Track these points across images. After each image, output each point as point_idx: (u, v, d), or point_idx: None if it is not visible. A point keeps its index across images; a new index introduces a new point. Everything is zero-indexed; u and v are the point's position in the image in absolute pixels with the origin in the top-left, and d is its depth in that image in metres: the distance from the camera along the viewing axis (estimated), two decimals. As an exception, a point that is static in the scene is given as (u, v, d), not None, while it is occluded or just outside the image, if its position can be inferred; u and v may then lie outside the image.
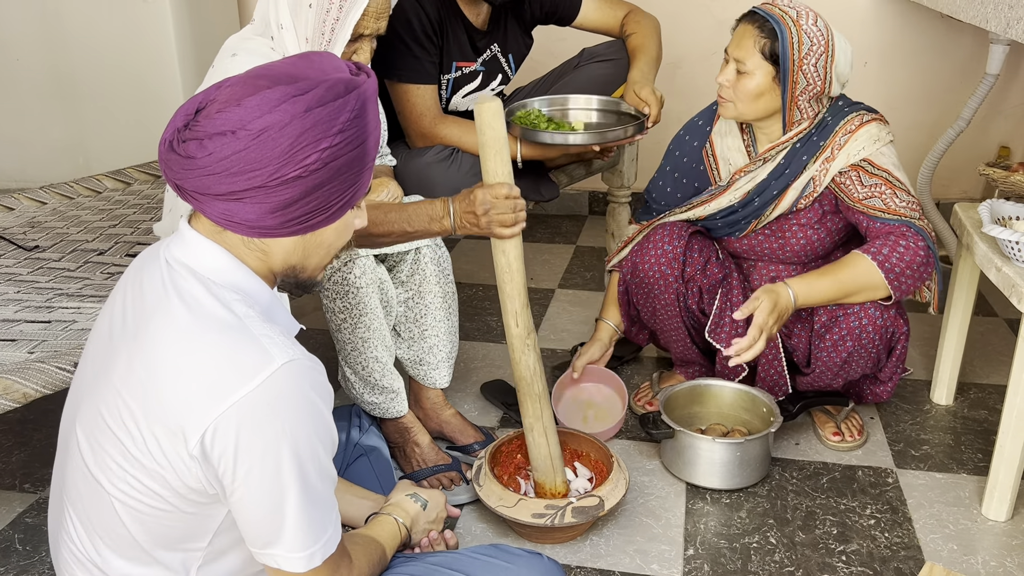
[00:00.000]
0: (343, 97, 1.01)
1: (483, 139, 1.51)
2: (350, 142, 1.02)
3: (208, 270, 1.05)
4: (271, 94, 0.98)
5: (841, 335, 1.83)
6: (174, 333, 1.01)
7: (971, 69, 3.02)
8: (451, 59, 2.11)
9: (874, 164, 1.80)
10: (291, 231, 1.04)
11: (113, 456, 1.03)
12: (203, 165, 0.98)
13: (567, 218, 3.48)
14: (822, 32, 1.76)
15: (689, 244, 1.94)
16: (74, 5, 3.03)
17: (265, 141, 0.97)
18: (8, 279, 1.86)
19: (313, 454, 1.03)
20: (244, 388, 0.98)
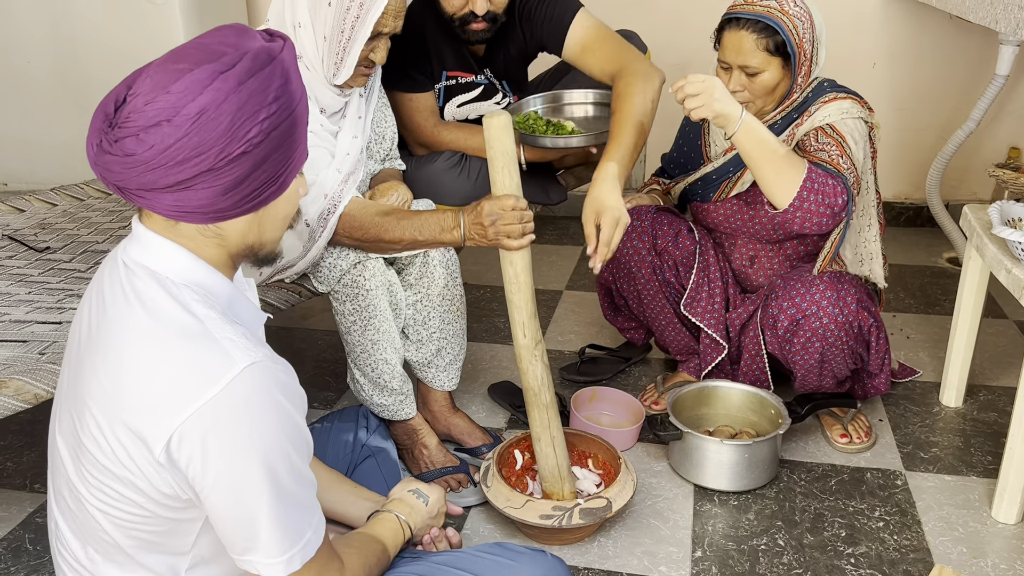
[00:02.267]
0: (269, 65, 1.00)
1: (491, 152, 1.52)
2: (284, 108, 1.01)
3: (165, 269, 1.03)
4: (198, 74, 0.95)
5: (807, 337, 1.84)
6: (134, 339, 1.00)
7: (980, 70, 3.02)
8: (441, 68, 2.09)
9: (834, 129, 1.82)
10: (245, 209, 1.03)
11: (87, 467, 1.03)
12: (145, 160, 0.95)
13: (574, 220, 3.47)
14: (803, 9, 1.83)
15: (657, 219, 2.03)
16: (84, 8, 3.05)
17: (205, 123, 0.95)
18: (20, 280, 1.88)
19: (284, 456, 1.01)
20: (207, 393, 0.96)
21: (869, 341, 1.88)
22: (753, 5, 1.81)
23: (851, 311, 1.82)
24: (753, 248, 2.04)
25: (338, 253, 1.72)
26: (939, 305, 2.68)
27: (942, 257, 3.05)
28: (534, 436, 1.69)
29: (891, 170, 3.29)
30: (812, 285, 1.83)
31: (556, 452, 1.68)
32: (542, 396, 1.65)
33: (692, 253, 2.03)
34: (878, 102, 3.17)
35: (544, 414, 1.66)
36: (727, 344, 2.05)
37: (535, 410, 1.66)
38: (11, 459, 1.99)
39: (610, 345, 2.38)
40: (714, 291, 2.05)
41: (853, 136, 1.81)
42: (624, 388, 2.20)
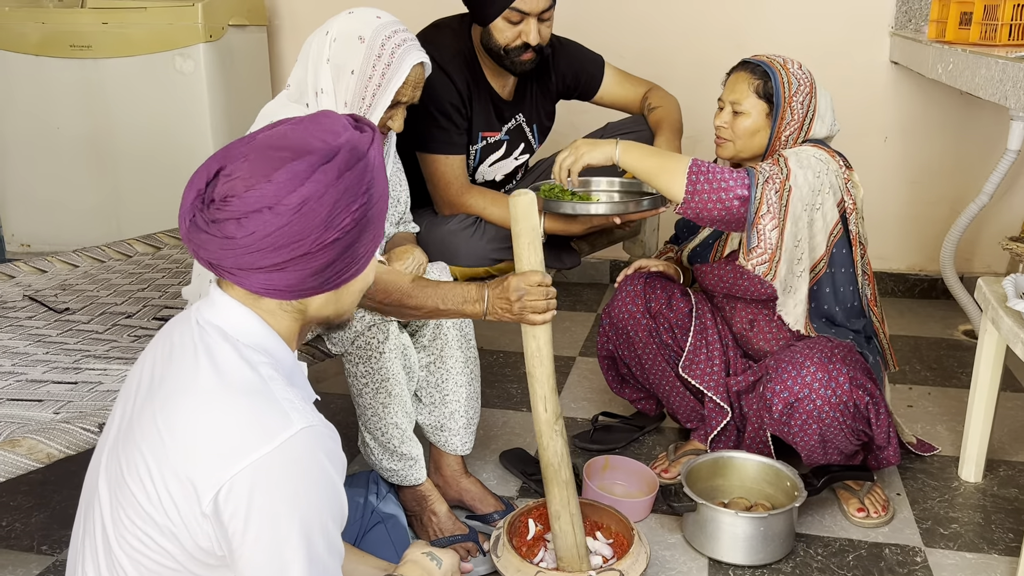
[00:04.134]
0: (364, 158, 1.06)
1: (517, 229, 1.55)
2: (372, 197, 1.07)
3: (238, 332, 1.07)
4: (299, 166, 1.01)
5: (803, 420, 1.83)
6: (199, 391, 1.03)
7: (992, 144, 3.05)
8: (478, 130, 2.16)
9: (783, 155, 1.87)
10: (329, 288, 1.08)
11: (126, 511, 1.04)
12: (245, 244, 1.01)
13: (588, 286, 3.49)
14: (806, 75, 1.93)
15: (649, 283, 2.11)
16: (114, 76, 3.14)
17: (306, 213, 1.01)
18: (38, 340, 1.90)
19: (322, 526, 1.03)
20: (262, 449, 0.98)
21: (869, 418, 1.86)
22: (762, 56, 1.95)
23: (844, 391, 1.80)
24: (752, 312, 2.04)
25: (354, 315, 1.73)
26: (956, 378, 2.65)
27: (958, 329, 3.03)
28: (552, 513, 1.67)
29: (905, 242, 3.30)
30: (802, 367, 1.82)
31: (575, 530, 1.66)
32: (562, 472, 1.63)
33: (688, 315, 2.09)
34: (891, 175, 3.21)
35: (564, 491, 1.64)
36: (729, 409, 2.04)
37: (554, 487, 1.64)
38: (19, 520, 1.98)
39: (623, 413, 2.37)
40: (712, 354, 2.05)
41: (799, 157, 1.84)
42: (637, 457, 2.18)
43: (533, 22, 2.02)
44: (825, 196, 1.85)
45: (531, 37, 2.03)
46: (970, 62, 2.17)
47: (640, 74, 2.41)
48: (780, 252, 1.79)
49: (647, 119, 2.29)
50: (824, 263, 1.91)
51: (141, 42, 3.08)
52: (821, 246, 1.89)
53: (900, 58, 2.99)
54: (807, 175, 1.81)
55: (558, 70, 2.27)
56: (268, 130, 1.08)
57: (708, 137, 3.09)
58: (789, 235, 1.80)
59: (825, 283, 1.94)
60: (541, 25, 2.04)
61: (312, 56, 1.69)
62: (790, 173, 1.81)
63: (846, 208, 1.89)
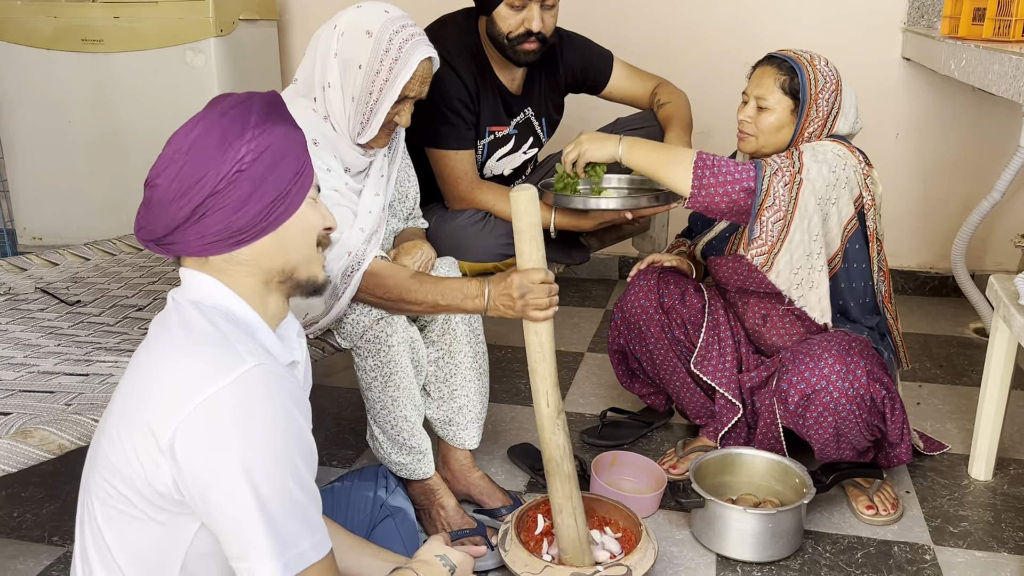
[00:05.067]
0: (248, 100, 1.12)
1: (518, 225, 1.55)
2: (272, 131, 1.11)
3: (200, 296, 1.13)
4: (191, 120, 1.11)
5: (819, 412, 1.82)
6: (163, 350, 1.09)
7: (1004, 141, 3.03)
8: (485, 124, 2.16)
9: (798, 148, 1.86)
10: (261, 228, 1.11)
11: (99, 470, 1.08)
12: (158, 199, 1.08)
13: (597, 282, 3.49)
14: (833, 72, 1.92)
15: (662, 278, 2.09)
16: (125, 70, 3.15)
17: (196, 150, 1.08)
18: (50, 332, 1.91)
19: (288, 460, 1.03)
20: (214, 385, 1.01)
21: (884, 412, 1.85)
22: (789, 51, 1.93)
23: (861, 384, 1.80)
24: (765, 307, 2.04)
25: (361, 309, 1.74)
26: (966, 376, 2.64)
27: (968, 327, 3.01)
28: (555, 507, 1.67)
29: (916, 240, 3.28)
30: (820, 359, 1.81)
31: (577, 523, 1.66)
32: (564, 466, 1.63)
33: (700, 311, 2.08)
34: (902, 172, 3.20)
35: (566, 485, 1.64)
36: (741, 405, 2.03)
37: (556, 480, 1.64)
38: (31, 511, 1.99)
39: (631, 409, 2.36)
40: (725, 350, 2.05)
41: (815, 151, 1.84)
42: (646, 453, 2.18)
43: (536, 8, 2.01)
44: (841, 191, 1.84)
45: (533, 23, 2.02)
46: (983, 58, 2.16)
47: (650, 70, 2.41)
48: (780, 244, 1.78)
49: (656, 115, 2.29)
50: (839, 258, 1.90)
51: (152, 36, 3.09)
52: (836, 241, 1.88)
53: (912, 54, 2.97)
54: (822, 169, 1.81)
55: (566, 63, 2.27)
56: None
57: (719, 132, 3.09)
58: (798, 229, 1.79)
59: (840, 278, 1.93)
60: (544, 13, 2.04)
61: (320, 50, 1.69)
62: (803, 167, 1.80)
63: (864, 204, 1.89)
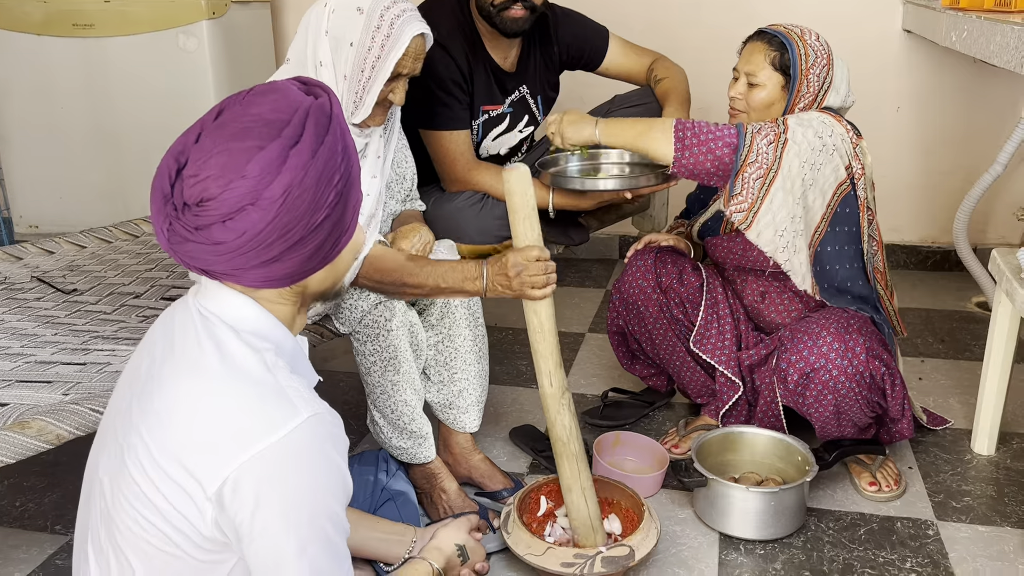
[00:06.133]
0: (329, 127, 1.02)
1: (512, 204, 1.53)
2: (349, 162, 1.05)
3: (236, 319, 1.05)
4: (269, 154, 0.97)
5: (819, 390, 1.82)
6: (202, 375, 1.02)
7: (1006, 114, 3.00)
8: (479, 104, 2.14)
9: (783, 117, 1.85)
10: (325, 263, 1.07)
11: (127, 497, 1.03)
12: (237, 246, 0.98)
13: (597, 262, 3.47)
14: (824, 47, 1.90)
15: (659, 258, 2.08)
16: (117, 55, 3.12)
17: (292, 201, 0.98)
18: (46, 321, 1.90)
19: (330, 510, 1.03)
20: (268, 439, 0.98)
21: (884, 389, 1.84)
22: (779, 26, 1.91)
23: (860, 361, 1.79)
24: (763, 284, 2.03)
25: (359, 294, 1.72)
26: (969, 350, 2.63)
27: (971, 301, 3.00)
28: (564, 487, 1.66)
29: (917, 214, 3.26)
30: (819, 337, 1.80)
31: (588, 503, 1.66)
32: (571, 446, 1.63)
33: (698, 290, 2.07)
34: (903, 145, 3.17)
35: (574, 464, 1.64)
36: (741, 383, 2.03)
37: (564, 461, 1.64)
38: (33, 500, 1.99)
39: (633, 389, 2.36)
40: (724, 328, 2.04)
41: (800, 118, 1.83)
42: (648, 433, 2.17)
43: None
44: (827, 156, 1.82)
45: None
46: (985, 29, 2.13)
47: (648, 45, 2.38)
48: (760, 203, 1.77)
49: (654, 90, 2.26)
50: (825, 222, 1.88)
51: (144, 20, 3.06)
52: (821, 208, 1.86)
53: (913, 26, 2.94)
54: (807, 133, 1.80)
55: (561, 39, 2.24)
56: (219, 116, 1.02)
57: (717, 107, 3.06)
58: (780, 189, 1.78)
59: (827, 241, 1.91)
60: None
61: (311, 28, 1.67)
62: (787, 128, 1.80)
63: (854, 173, 1.87)
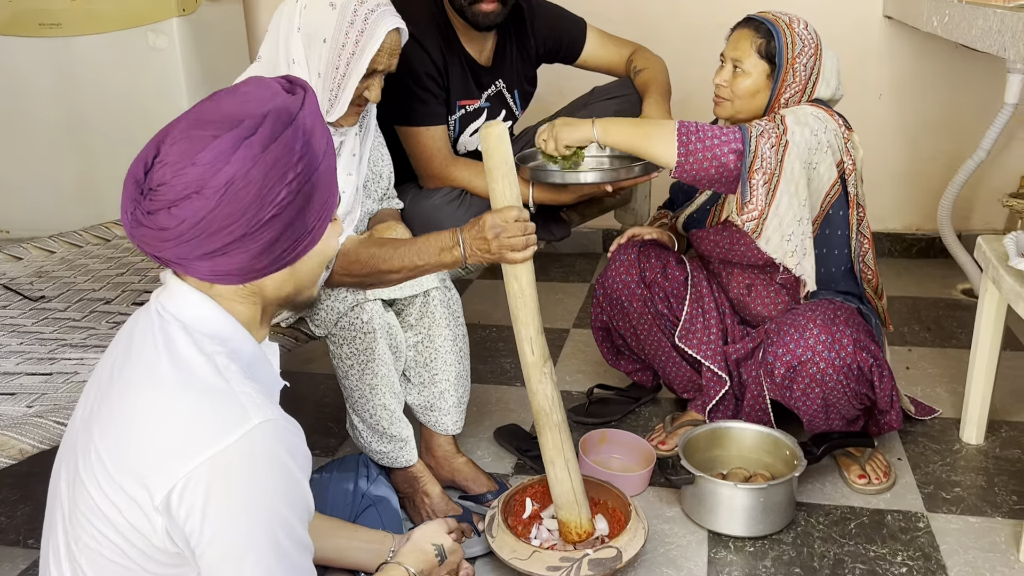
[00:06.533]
0: (291, 125, 0.99)
1: (489, 163, 1.50)
2: (310, 164, 1.01)
3: (195, 320, 1.03)
4: (222, 143, 0.96)
5: (806, 383, 1.79)
6: (154, 385, 0.99)
7: (989, 99, 2.98)
8: (455, 99, 2.09)
9: (780, 115, 1.81)
10: (281, 266, 1.03)
11: (83, 510, 1.00)
12: (179, 233, 0.97)
13: (581, 256, 3.44)
14: (812, 36, 1.87)
15: (643, 251, 2.05)
16: (85, 54, 3.06)
17: (234, 193, 0.96)
18: (12, 330, 1.84)
19: (283, 519, 0.99)
20: (218, 444, 0.95)
21: (872, 380, 1.82)
22: (768, 13, 1.88)
23: (848, 353, 1.76)
24: (749, 277, 2.00)
25: (335, 296, 1.68)
26: (955, 338, 2.62)
27: (956, 289, 2.99)
28: (547, 459, 1.63)
29: (902, 201, 3.24)
30: (805, 329, 1.78)
31: (571, 476, 1.62)
32: (553, 416, 1.59)
33: (683, 283, 2.04)
34: (886, 133, 3.15)
35: (557, 435, 1.60)
36: (728, 378, 2.00)
37: (547, 431, 1.60)
38: (4, 513, 1.94)
39: (619, 385, 2.33)
40: (709, 322, 2.01)
41: (796, 115, 1.79)
42: (634, 429, 2.14)
43: None
44: (822, 155, 1.79)
45: None
46: (967, 13, 2.11)
47: (628, 36, 2.34)
48: (768, 209, 1.73)
49: (634, 81, 2.23)
50: (818, 223, 1.86)
51: (112, 18, 2.99)
52: (816, 206, 1.84)
53: (894, 12, 2.91)
54: (804, 132, 1.76)
55: (537, 32, 2.20)
56: (202, 104, 1.01)
57: (697, 98, 3.03)
58: (785, 193, 1.74)
59: (819, 243, 1.89)
60: None
61: (283, 25, 1.63)
62: (787, 129, 1.76)
63: (845, 168, 1.84)
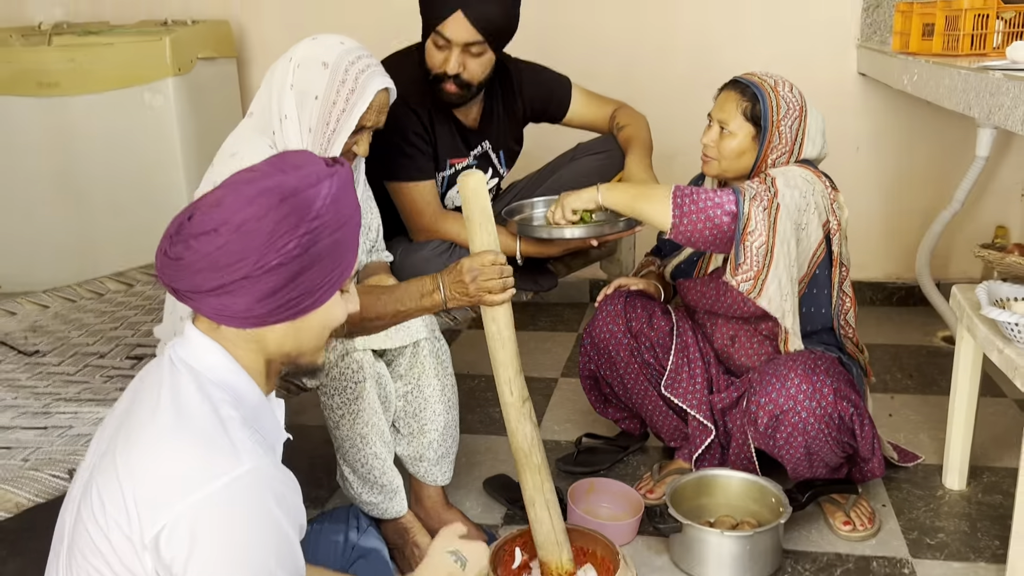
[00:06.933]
0: (315, 185, 1.06)
1: (467, 211, 1.55)
2: (327, 226, 1.06)
3: (204, 367, 1.07)
4: (247, 189, 1.04)
5: (789, 432, 1.82)
6: (153, 428, 1.03)
7: (961, 151, 3.07)
8: (445, 157, 2.15)
9: (770, 175, 1.86)
10: (281, 318, 1.07)
11: (81, 549, 1.03)
12: (190, 263, 1.03)
13: (568, 306, 3.48)
14: (797, 99, 1.93)
15: (629, 302, 2.09)
16: (82, 113, 3.11)
17: (244, 233, 1.02)
18: (7, 385, 1.86)
19: (267, 568, 1.01)
20: (206, 488, 0.98)
21: (853, 429, 1.85)
22: (754, 76, 1.93)
23: (828, 402, 1.80)
24: (733, 327, 2.04)
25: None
26: (936, 385, 2.66)
27: (936, 336, 3.04)
28: (527, 500, 1.64)
29: (880, 251, 3.31)
30: (787, 379, 1.81)
31: (551, 515, 1.64)
32: (533, 457, 1.61)
33: (668, 333, 2.08)
34: (863, 185, 3.23)
35: (537, 476, 1.62)
36: (713, 427, 2.03)
37: (527, 472, 1.62)
38: (-7, 569, 1.94)
39: (607, 433, 2.35)
40: (695, 371, 2.05)
41: (786, 176, 1.84)
42: (622, 478, 2.16)
43: (456, 51, 1.99)
44: (810, 216, 1.85)
45: (449, 65, 2.00)
46: (934, 73, 2.19)
47: (613, 94, 2.41)
48: (767, 271, 1.78)
49: (616, 138, 2.29)
50: (805, 283, 1.91)
51: (109, 78, 3.05)
52: (805, 265, 1.89)
53: (867, 69, 3.01)
54: (794, 194, 1.81)
55: (524, 95, 2.27)
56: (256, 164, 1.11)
57: (683, 154, 3.11)
58: (781, 254, 1.79)
59: (803, 302, 1.94)
60: (469, 58, 2.01)
61: (276, 83, 1.68)
62: (777, 192, 1.80)
63: (831, 229, 1.90)
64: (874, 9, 3.06)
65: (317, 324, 1.12)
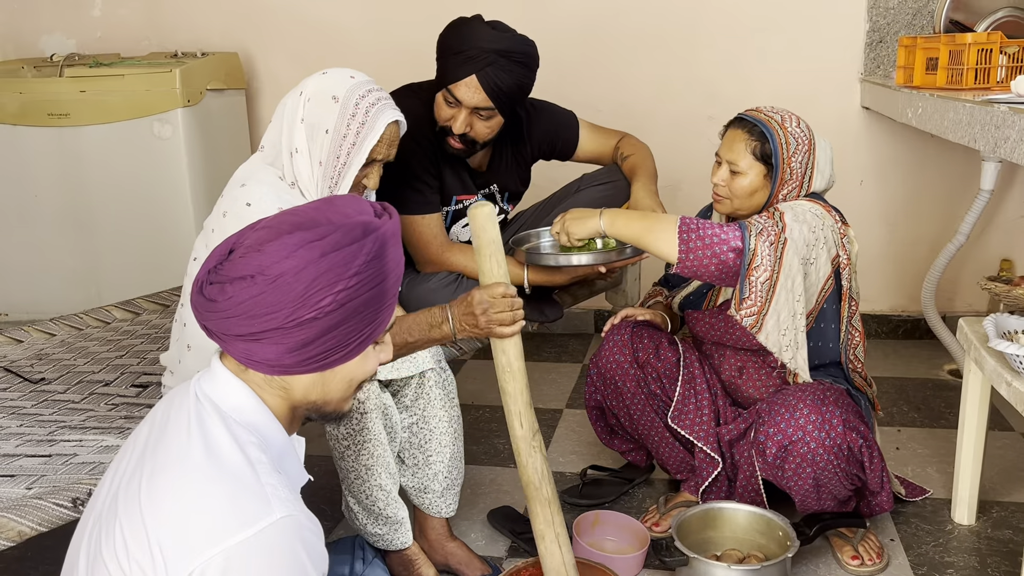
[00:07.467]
0: (359, 241, 1.04)
1: (478, 242, 1.55)
2: (366, 283, 1.05)
3: (231, 408, 1.07)
4: (290, 239, 1.02)
5: (797, 463, 1.81)
6: (184, 469, 1.01)
7: (966, 184, 3.08)
8: (451, 193, 2.17)
9: (778, 209, 1.86)
10: (309, 369, 1.07)
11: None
12: (223, 308, 1.02)
13: (574, 337, 3.48)
14: (804, 133, 1.91)
15: (636, 332, 2.07)
16: (92, 143, 3.15)
17: (280, 286, 1.01)
18: (12, 412, 1.86)
19: None
20: (238, 535, 0.96)
21: (862, 461, 1.84)
22: (760, 112, 1.92)
23: (838, 434, 1.79)
24: (740, 359, 2.03)
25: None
26: (944, 418, 2.64)
27: (943, 369, 3.03)
28: (537, 534, 1.63)
29: (886, 284, 3.31)
30: (796, 410, 1.80)
31: (562, 550, 1.62)
32: (543, 490, 1.60)
33: (675, 364, 2.06)
34: (868, 217, 3.24)
35: (547, 510, 1.61)
36: (720, 459, 2.01)
37: (537, 506, 1.61)
38: (-6, 599, 1.92)
39: (612, 466, 2.34)
40: (702, 403, 2.04)
41: (795, 211, 1.84)
42: (628, 510, 2.14)
43: (464, 112, 2.00)
44: (819, 251, 1.85)
45: (455, 124, 2.02)
46: (938, 106, 2.21)
47: (617, 127, 2.43)
48: (768, 306, 1.78)
49: (621, 167, 2.31)
50: (813, 317, 1.91)
51: (119, 109, 3.09)
52: (813, 299, 1.88)
53: (871, 103, 3.04)
54: (802, 229, 1.81)
55: (533, 138, 2.28)
56: (303, 204, 1.10)
57: (686, 186, 3.13)
58: (783, 289, 1.78)
59: (812, 336, 1.93)
60: (477, 120, 2.02)
61: (287, 116, 1.70)
62: (786, 227, 1.80)
63: (840, 263, 1.90)
64: (877, 44, 3.09)
65: (346, 375, 1.11)
